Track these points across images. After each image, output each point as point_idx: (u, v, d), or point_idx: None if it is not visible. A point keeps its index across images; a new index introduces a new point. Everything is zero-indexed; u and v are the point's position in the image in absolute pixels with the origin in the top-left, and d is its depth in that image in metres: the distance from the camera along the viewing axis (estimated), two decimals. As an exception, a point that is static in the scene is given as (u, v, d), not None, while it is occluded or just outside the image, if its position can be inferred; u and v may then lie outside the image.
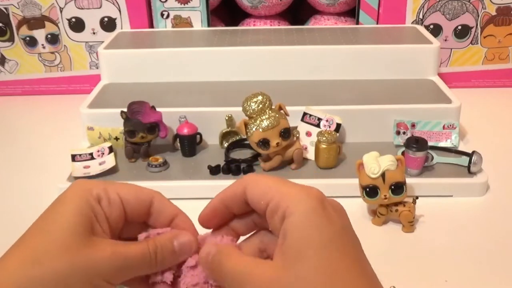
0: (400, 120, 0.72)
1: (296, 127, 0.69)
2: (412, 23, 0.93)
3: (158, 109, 0.70)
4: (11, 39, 0.94)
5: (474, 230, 0.59)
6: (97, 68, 0.96)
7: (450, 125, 0.71)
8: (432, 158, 0.67)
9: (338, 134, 0.68)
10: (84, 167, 0.67)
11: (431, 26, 0.93)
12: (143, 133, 0.68)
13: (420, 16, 0.92)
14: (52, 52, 0.95)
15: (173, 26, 0.94)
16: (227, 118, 0.72)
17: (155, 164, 0.67)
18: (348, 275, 0.28)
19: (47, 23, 0.93)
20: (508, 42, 0.94)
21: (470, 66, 0.96)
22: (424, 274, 0.52)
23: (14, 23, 0.93)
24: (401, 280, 0.49)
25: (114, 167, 0.67)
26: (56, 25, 0.93)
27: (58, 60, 0.96)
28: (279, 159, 0.66)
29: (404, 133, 0.72)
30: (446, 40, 0.94)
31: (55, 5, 0.92)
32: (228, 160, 0.69)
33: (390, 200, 0.57)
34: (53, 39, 0.94)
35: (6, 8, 0.92)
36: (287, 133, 0.65)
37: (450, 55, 0.95)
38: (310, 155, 0.69)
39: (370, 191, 0.57)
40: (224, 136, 0.72)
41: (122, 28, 0.93)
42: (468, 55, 0.95)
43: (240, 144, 0.72)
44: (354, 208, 0.62)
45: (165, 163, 0.68)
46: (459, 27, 0.93)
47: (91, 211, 0.32)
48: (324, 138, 0.66)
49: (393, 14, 0.92)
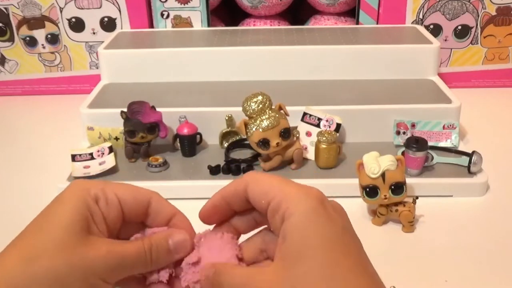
0: (400, 120, 0.72)
1: (296, 127, 0.69)
2: (412, 23, 0.93)
3: (158, 109, 0.70)
4: (11, 39, 0.94)
5: (474, 230, 0.59)
6: (97, 68, 0.96)
7: (450, 125, 0.71)
8: (432, 158, 0.67)
9: (338, 134, 0.68)
10: (84, 167, 0.67)
11: (431, 26, 0.93)
12: (143, 133, 0.68)
13: (420, 16, 0.92)
14: (52, 52, 0.95)
15: (173, 26, 0.94)
16: (227, 118, 0.72)
17: (155, 164, 0.67)
18: (349, 275, 0.28)
19: (47, 23, 0.93)
20: (508, 42, 0.94)
21: (470, 66, 0.96)
22: (424, 274, 0.52)
23: (14, 23, 0.93)
24: (401, 280, 0.49)
25: (114, 167, 0.67)
26: (56, 25, 0.93)
27: (58, 60, 0.96)
28: (279, 159, 0.66)
29: (404, 133, 0.72)
30: (446, 40, 0.94)
31: (55, 5, 0.92)
32: (228, 160, 0.69)
33: (390, 200, 0.57)
34: (53, 39, 0.94)
35: (6, 8, 0.92)
36: (287, 133, 0.65)
37: (450, 55, 0.95)
38: (310, 155, 0.69)
39: (370, 191, 0.57)
40: (224, 136, 0.72)
41: (122, 28, 0.93)
42: (468, 55, 0.95)
43: (240, 144, 0.72)
44: (354, 208, 0.62)
45: (165, 163, 0.68)
46: (459, 27, 0.93)
47: (88, 211, 0.32)
48: (324, 138, 0.66)
49: (393, 14, 0.92)
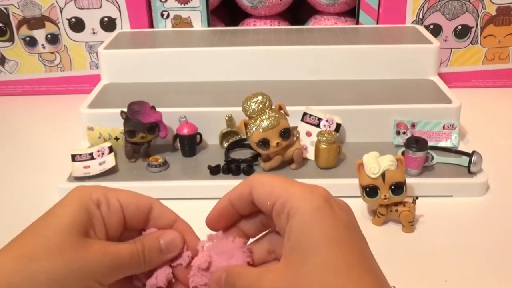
0: (400, 120, 0.72)
1: (296, 127, 0.69)
2: (412, 23, 0.93)
3: (158, 109, 0.70)
4: (11, 39, 0.94)
5: (474, 230, 0.59)
6: (97, 68, 0.96)
7: (450, 125, 0.71)
8: (432, 158, 0.67)
9: (338, 134, 0.68)
10: (84, 167, 0.67)
11: (431, 26, 0.93)
12: (143, 133, 0.68)
13: (420, 16, 0.92)
14: (52, 52, 0.95)
15: (173, 26, 0.94)
16: (227, 118, 0.72)
17: (155, 164, 0.67)
18: (353, 273, 0.28)
19: (47, 23, 0.93)
20: (508, 42, 0.94)
21: (470, 66, 0.96)
22: (424, 274, 0.52)
23: (14, 23, 0.93)
24: (401, 280, 0.49)
25: (114, 167, 0.67)
26: (56, 25, 0.93)
27: (58, 60, 0.96)
28: (279, 159, 0.66)
29: (404, 133, 0.72)
30: (446, 40, 0.94)
31: (55, 5, 0.92)
32: (228, 160, 0.69)
33: (390, 200, 0.57)
34: (53, 39, 0.94)
35: (6, 8, 0.92)
36: (287, 133, 0.65)
37: (450, 55, 0.95)
38: (310, 155, 0.69)
39: (370, 191, 0.57)
40: (224, 136, 0.72)
41: (122, 28, 0.93)
42: (468, 55, 0.95)
43: (240, 144, 0.72)
44: (354, 208, 0.61)
45: (165, 163, 0.68)
46: (459, 27, 0.93)
47: (88, 215, 0.32)
48: (324, 138, 0.66)
49: (393, 14, 0.92)
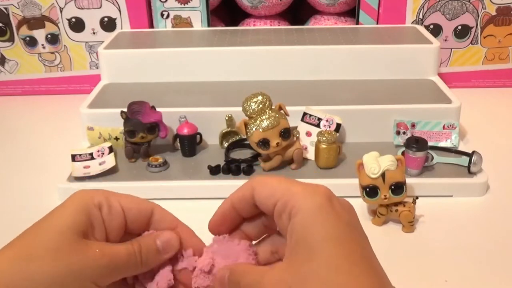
0: (400, 120, 0.72)
1: (296, 127, 0.69)
2: (412, 23, 0.93)
3: (158, 109, 0.70)
4: (11, 39, 0.94)
5: (474, 230, 0.59)
6: (97, 68, 0.96)
7: (450, 125, 0.71)
8: (432, 158, 0.67)
9: (338, 134, 0.68)
10: (84, 167, 0.67)
11: (431, 26, 0.93)
12: (143, 133, 0.68)
13: (420, 16, 0.92)
14: (52, 52, 0.95)
15: (173, 26, 0.94)
16: (227, 118, 0.72)
17: (155, 164, 0.67)
18: (355, 271, 0.28)
19: (47, 23, 0.93)
20: (508, 42, 0.94)
21: (470, 66, 0.96)
22: (424, 274, 0.52)
23: (14, 23, 0.93)
24: (401, 280, 0.49)
25: (114, 167, 0.67)
26: (56, 25, 0.93)
27: (58, 60, 0.96)
28: (279, 159, 0.66)
29: (404, 133, 0.72)
30: (446, 40, 0.94)
31: (55, 5, 0.91)
32: (228, 160, 0.69)
33: (390, 200, 0.57)
34: (53, 39, 0.94)
35: (6, 8, 0.92)
36: (287, 133, 0.65)
37: (450, 55, 0.95)
38: (310, 155, 0.69)
39: (370, 191, 0.57)
40: (224, 136, 0.72)
41: (122, 28, 0.93)
42: (468, 55, 0.95)
43: (240, 144, 0.72)
44: (354, 208, 0.62)
45: (165, 163, 0.68)
46: (459, 27, 0.93)
47: (89, 217, 0.32)
48: (324, 138, 0.66)
49: (393, 14, 0.92)
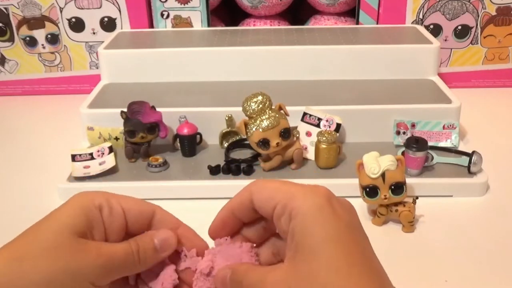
0: (400, 120, 0.72)
1: (296, 127, 0.69)
2: (412, 23, 0.93)
3: (158, 109, 0.70)
4: (11, 39, 0.94)
5: (474, 230, 0.59)
6: (97, 68, 0.96)
7: (450, 125, 0.71)
8: (432, 158, 0.67)
9: (338, 134, 0.68)
10: (84, 167, 0.67)
11: (431, 26, 0.93)
12: (143, 133, 0.68)
13: (420, 16, 0.92)
14: (52, 52, 0.95)
15: (173, 26, 0.94)
16: (227, 118, 0.72)
17: (155, 164, 0.67)
18: (355, 273, 0.28)
19: (47, 23, 0.93)
20: (508, 42, 0.94)
21: (470, 66, 0.96)
22: (424, 274, 0.52)
23: (14, 23, 0.93)
24: (401, 280, 0.49)
25: (114, 167, 0.67)
26: (56, 25, 0.93)
27: (58, 60, 0.96)
28: (279, 159, 0.66)
29: (404, 133, 0.72)
30: (446, 40, 0.94)
31: (55, 5, 0.91)
32: (228, 160, 0.69)
33: (390, 200, 0.57)
34: (53, 39, 0.94)
35: (6, 8, 0.92)
36: (287, 133, 0.65)
37: (450, 55, 0.95)
38: (310, 155, 0.69)
39: (370, 191, 0.57)
40: (224, 136, 0.72)
41: (122, 28, 0.93)
42: (468, 55, 0.95)
43: (240, 144, 0.72)
44: (355, 208, 0.62)
45: (165, 163, 0.68)
46: (459, 27, 0.93)
47: (88, 219, 0.32)
48: (324, 138, 0.66)
49: (393, 14, 0.92)
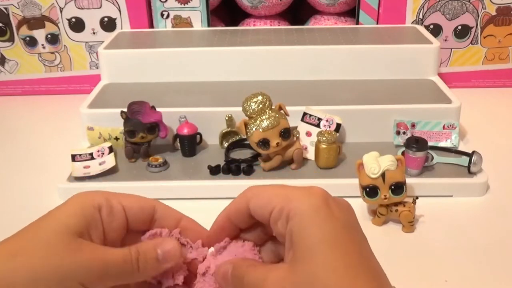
0: (400, 120, 0.72)
1: (296, 127, 0.69)
2: (412, 23, 0.93)
3: (158, 109, 0.70)
4: (11, 39, 0.94)
5: (474, 230, 0.59)
6: (97, 68, 0.96)
7: (450, 125, 0.71)
8: (432, 158, 0.67)
9: (338, 134, 0.68)
10: (84, 167, 0.67)
11: (431, 26, 0.93)
12: (143, 133, 0.68)
13: (420, 16, 0.92)
14: (52, 52, 0.95)
15: (173, 26, 0.94)
16: (227, 118, 0.72)
17: (155, 164, 0.67)
18: (352, 274, 0.28)
19: (47, 23, 0.93)
20: (508, 42, 0.94)
21: (470, 66, 0.96)
22: (424, 274, 0.52)
23: (14, 23, 0.93)
24: (401, 280, 0.49)
25: (114, 167, 0.67)
26: (56, 25, 0.93)
27: (58, 60, 0.96)
28: (279, 159, 0.66)
29: (404, 133, 0.72)
30: (446, 40, 0.94)
31: (55, 5, 0.91)
32: (228, 160, 0.69)
33: (390, 200, 0.57)
34: (53, 39, 0.94)
35: (6, 8, 0.92)
36: (287, 133, 0.65)
37: (450, 55, 0.95)
38: (310, 155, 0.69)
39: (370, 191, 0.57)
40: (224, 136, 0.72)
41: (122, 28, 0.93)
42: (468, 55, 0.95)
43: (240, 144, 0.72)
44: (354, 208, 0.61)
45: (165, 163, 0.68)
46: (459, 27, 0.93)
47: (87, 218, 0.32)
48: (324, 138, 0.66)
49: (393, 14, 0.92)
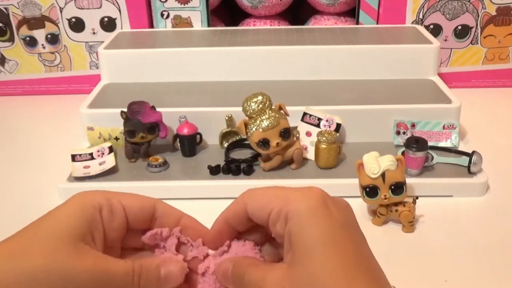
0: (400, 120, 0.72)
1: (296, 127, 0.69)
2: (412, 23, 0.93)
3: (158, 109, 0.70)
4: (11, 39, 0.94)
5: (474, 230, 0.59)
6: (97, 68, 0.96)
7: (450, 125, 0.71)
8: (432, 158, 0.67)
9: (338, 134, 0.68)
10: (84, 167, 0.67)
11: (431, 26, 0.93)
12: (143, 133, 0.68)
13: (420, 16, 0.92)
14: (52, 52, 0.95)
15: (173, 26, 0.94)
16: (227, 118, 0.72)
17: (155, 164, 0.67)
18: (350, 274, 0.28)
19: (47, 23, 0.93)
20: (508, 42, 0.94)
21: (470, 66, 0.96)
22: (424, 274, 0.52)
23: (14, 23, 0.93)
24: (401, 280, 0.49)
25: (114, 167, 0.67)
26: (56, 25, 0.93)
27: (58, 60, 0.96)
28: (279, 159, 0.66)
29: (404, 133, 0.72)
30: (446, 40, 0.94)
31: (55, 5, 0.91)
32: (228, 160, 0.69)
33: (390, 200, 0.57)
34: (53, 39, 0.94)
35: (6, 8, 0.92)
36: (287, 133, 0.65)
37: (450, 55, 0.95)
38: (310, 155, 0.69)
39: (370, 191, 0.57)
40: (224, 136, 0.72)
41: (122, 28, 0.93)
42: (468, 55, 0.95)
43: (240, 144, 0.72)
44: (354, 208, 0.60)
45: (165, 163, 0.68)
46: (459, 27, 0.93)
47: (87, 219, 0.32)
48: (324, 138, 0.66)
49: (393, 14, 0.92)
